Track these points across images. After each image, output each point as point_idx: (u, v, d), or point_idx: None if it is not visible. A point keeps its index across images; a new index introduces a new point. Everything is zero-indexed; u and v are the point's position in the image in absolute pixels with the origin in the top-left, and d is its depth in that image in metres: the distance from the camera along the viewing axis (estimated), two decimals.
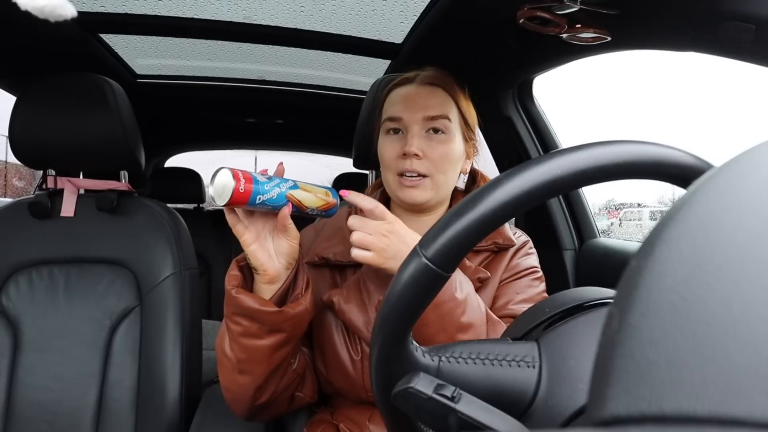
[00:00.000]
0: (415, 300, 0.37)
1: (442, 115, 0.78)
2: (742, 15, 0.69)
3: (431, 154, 0.77)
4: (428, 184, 0.78)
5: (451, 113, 0.79)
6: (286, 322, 0.66)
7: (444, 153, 0.77)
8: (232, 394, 0.72)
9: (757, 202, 0.17)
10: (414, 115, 0.78)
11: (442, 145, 0.78)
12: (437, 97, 0.79)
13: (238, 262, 0.70)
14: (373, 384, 0.42)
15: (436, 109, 0.78)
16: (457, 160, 0.80)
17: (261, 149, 4.02)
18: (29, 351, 1.00)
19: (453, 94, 0.81)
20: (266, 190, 0.63)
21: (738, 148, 0.20)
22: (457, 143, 0.80)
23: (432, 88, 0.80)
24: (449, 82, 0.82)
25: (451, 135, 0.79)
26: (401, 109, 0.79)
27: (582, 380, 0.37)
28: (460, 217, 0.34)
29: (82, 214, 1.08)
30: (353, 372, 0.75)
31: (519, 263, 0.81)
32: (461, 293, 0.67)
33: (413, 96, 0.79)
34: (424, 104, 0.78)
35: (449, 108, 0.79)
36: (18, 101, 1.01)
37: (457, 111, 0.80)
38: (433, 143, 0.77)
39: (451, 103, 0.80)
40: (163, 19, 1.25)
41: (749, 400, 0.13)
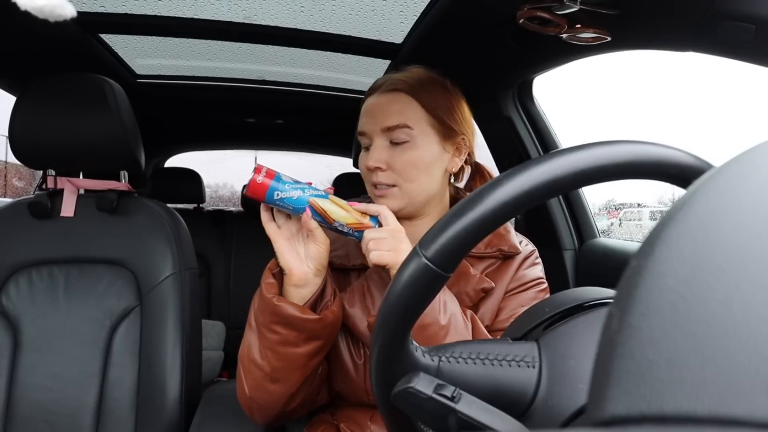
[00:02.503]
0: (415, 300, 0.37)
1: (399, 125, 0.75)
2: (742, 15, 0.69)
3: (395, 164, 0.76)
4: (397, 193, 0.77)
5: (413, 119, 0.76)
6: (324, 329, 0.67)
7: (408, 162, 0.75)
8: (260, 402, 0.72)
9: (757, 202, 0.17)
10: (374, 127, 0.77)
11: (405, 154, 0.76)
12: (397, 104, 0.77)
13: (271, 269, 0.71)
14: (373, 384, 0.42)
15: (393, 119, 0.75)
16: (430, 164, 0.77)
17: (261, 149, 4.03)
18: (29, 351, 1.00)
19: (418, 95, 0.77)
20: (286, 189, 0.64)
21: (738, 148, 0.20)
22: (425, 147, 0.77)
23: (393, 96, 0.77)
24: (416, 83, 0.78)
25: (416, 141, 0.76)
26: (365, 122, 0.79)
27: (582, 380, 0.37)
28: (460, 217, 0.34)
29: (82, 214, 1.08)
30: (355, 376, 0.75)
31: (525, 274, 0.80)
32: (445, 317, 0.67)
33: (374, 107, 0.78)
34: (382, 115, 0.77)
35: (410, 114, 0.76)
36: (18, 101, 1.00)
37: (423, 113, 0.77)
38: (396, 153, 0.76)
39: (415, 107, 0.76)
40: (163, 19, 1.25)
41: (749, 400, 0.13)
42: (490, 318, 0.77)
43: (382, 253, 0.65)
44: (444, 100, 0.79)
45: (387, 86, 0.78)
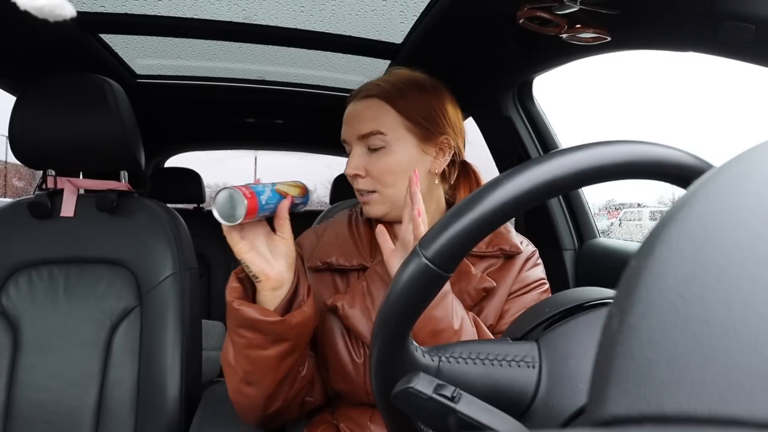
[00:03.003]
0: (415, 300, 0.37)
1: (372, 132, 0.76)
2: (742, 15, 0.69)
3: (372, 170, 0.77)
4: (378, 198, 0.78)
5: (386, 124, 0.76)
6: (290, 330, 0.66)
7: (384, 168, 0.76)
8: (242, 405, 0.73)
9: (757, 202, 0.17)
10: (351, 135, 0.78)
11: (381, 160, 0.76)
12: (370, 110, 0.77)
13: (237, 274, 0.69)
14: (373, 384, 0.42)
15: (366, 126, 0.76)
16: (407, 168, 0.76)
17: (261, 149, 4.03)
18: (29, 351, 1.00)
19: (392, 99, 0.76)
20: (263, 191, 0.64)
21: (738, 148, 0.20)
22: (402, 152, 0.76)
23: (368, 102, 0.77)
24: (392, 87, 0.77)
25: (391, 146, 0.76)
26: (344, 130, 0.80)
27: (582, 380, 0.37)
28: (460, 217, 0.34)
29: (82, 214, 1.08)
30: (355, 375, 0.75)
31: (528, 275, 0.80)
32: (457, 321, 0.67)
33: (350, 115, 0.79)
34: (356, 122, 0.77)
35: (383, 120, 0.76)
36: (18, 101, 1.00)
37: (398, 117, 0.76)
38: (373, 159, 0.77)
39: (388, 113, 0.76)
40: (163, 19, 1.25)
41: (749, 400, 0.13)
42: (494, 318, 0.77)
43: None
44: (422, 102, 0.78)
45: (362, 93, 0.79)
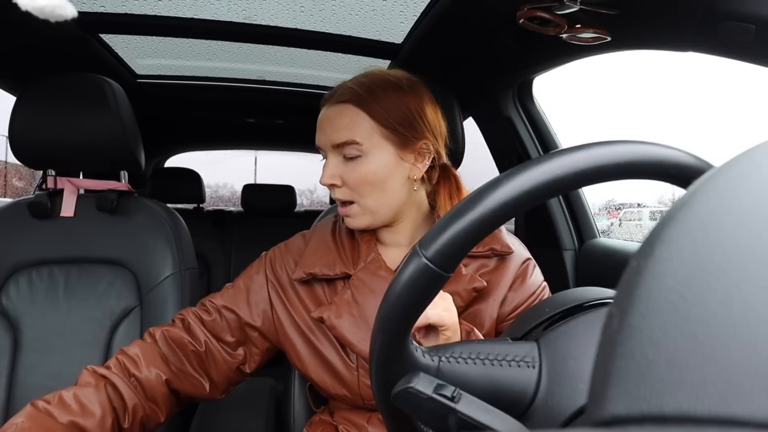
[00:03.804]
0: (415, 300, 0.37)
1: (347, 141, 0.72)
2: (742, 15, 0.69)
3: (348, 180, 0.74)
4: (357, 210, 0.76)
5: (360, 133, 0.72)
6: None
7: (360, 177, 0.73)
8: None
9: (757, 202, 0.17)
10: (325, 142, 0.75)
11: (357, 170, 0.73)
12: (344, 117, 0.73)
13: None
14: (373, 384, 0.42)
15: (341, 134, 0.73)
16: (385, 177, 0.74)
17: (261, 149, 4.03)
18: (29, 351, 1.00)
19: (366, 105, 0.73)
20: None
21: (738, 148, 0.20)
22: (379, 161, 0.73)
23: (341, 108, 0.74)
24: (365, 91, 0.73)
25: (368, 156, 0.73)
26: (318, 136, 0.77)
27: (582, 380, 0.37)
28: (460, 217, 0.34)
29: (82, 214, 1.08)
30: (350, 381, 0.75)
31: (533, 282, 0.78)
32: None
33: (323, 121, 0.76)
34: (330, 130, 0.74)
35: (357, 129, 0.72)
36: (18, 101, 1.01)
37: (373, 124, 0.73)
38: (348, 168, 0.74)
39: (362, 120, 0.73)
40: (163, 19, 1.25)
41: (749, 400, 0.13)
42: (491, 318, 0.76)
43: (441, 314, 0.62)
44: (398, 106, 0.74)
45: (336, 98, 0.75)
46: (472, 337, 0.68)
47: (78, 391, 0.69)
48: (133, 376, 0.73)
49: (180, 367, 0.76)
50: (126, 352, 0.75)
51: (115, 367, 0.73)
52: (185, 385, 0.76)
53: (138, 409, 0.71)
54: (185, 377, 0.76)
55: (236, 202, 2.93)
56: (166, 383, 0.74)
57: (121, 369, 0.73)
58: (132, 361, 0.73)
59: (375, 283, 0.75)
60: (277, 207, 2.47)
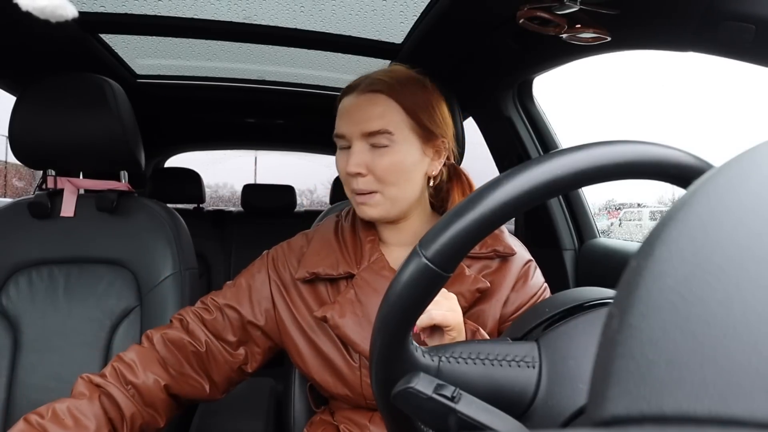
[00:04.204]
0: (415, 300, 0.37)
1: (380, 130, 0.73)
2: (742, 15, 0.69)
3: (375, 168, 0.74)
4: (379, 199, 0.75)
5: (393, 123, 0.73)
6: None
7: (389, 166, 0.73)
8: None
9: (758, 202, 0.17)
10: (354, 130, 0.74)
11: (386, 158, 0.73)
12: (377, 106, 0.74)
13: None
14: (373, 384, 0.42)
15: (374, 123, 0.73)
16: (411, 168, 0.75)
17: (261, 149, 4.02)
18: (29, 351, 1.00)
19: (400, 97, 0.74)
20: None
21: (738, 148, 0.20)
22: (407, 152, 0.74)
23: (373, 97, 0.74)
24: (397, 84, 0.75)
25: (397, 146, 0.73)
26: (342, 124, 0.76)
27: (582, 380, 0.37)
28: (460, 217, 0.34)
29: (82, 214, 1.08)
30: (352, 381, 0.75)
31: (534, 283, 0.79)
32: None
33: (353, 109, 0.75)
34: (362, 118, 0.74)
35: (390, 118, 0.73)
36: (18, 101, 1.01)
37: (404, 116, 0.74)
38: (376, 157, 0.74)
39: (395, 110, 0.74)
40: (163, 19, 1.25)
41: (749, 400, 0.13)
42: (494, 319, 0.76)
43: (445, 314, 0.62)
44: (424, 101, 0.76)
45: (366, 86, 0.75)
46: (477, 337, 0.68)
47: (71, 403, 0.68)
48: (129, 383, 0.72)
49: (179, 370, 0.75)
50: (122, 358, 0.74)
51: (111, 375, 0.72)
52: (185, 388, 0.76)
53: (136, 417, 0.71)
54: (184, 380, 0.76)
55: (236, 202, 2.93)
56: (165, 389, 0.74)
57: (116, 377, 0.72)
58: (128, 368, 0.72)
59: (378, 283, 0.75)
60: (277, 207, 2.47)
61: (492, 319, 0.76)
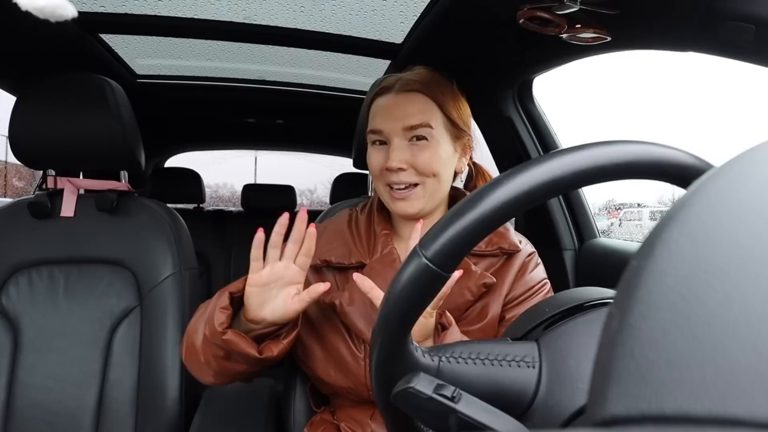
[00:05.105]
0: (415, 300, 0.37)
1: (422, 124, 0.76)
2: (742, 15, 0.69)
3: (416, 163, 0.77)
4: (419, 192, 0.78)
5: (433, 119, 0.77)
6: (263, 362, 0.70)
7: (429, 159, 0.77)
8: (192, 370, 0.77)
9: (758, 201, 0.17)
10: (394, 126, 0.77)
11: (426, 152, 0.77)
12: (416, 103, 0.78)
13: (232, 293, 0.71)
14: (373, 384, 0.42)
15: (415, 118, 0.76)
16: (446, 162, 0.79)
17: (261, 149, 4.03)
18: (29, 351, 1.00)
19: (435, 96, 0.78)
20: None
21: (738, 148, 0.20)
22: (444, 146, 0.78)
23: (411, 95, 0.78)
24: (430, 83, 0.79)
25: (435, 140, 0.77)
26: (381, 121, 0.79)
27: (582, 380, 0.37)
28: (460, 217, 0.34)
29: (82, 214, 1.08)
30: (356, 370, 0.75)
31: (532, 277, 0.81)
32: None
33: (392, 106, 0.79)
34: (403, 114, 0.77)
35: (430, 114, 0.77)
36: (18, 101, 1.00)
37: (440, 114, 0.78)
38: (416, 151, 0.77)
39: (433, 107, 0.78)
40: (163, 19, 1.25)
41: (749, 400, 0.13)
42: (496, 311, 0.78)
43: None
44: (454, 101, 0.80)
45: (402, 86, 0.79)
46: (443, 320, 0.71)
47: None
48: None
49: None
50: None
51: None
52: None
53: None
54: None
55: (236, 202, 2.93)
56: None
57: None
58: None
59: (389, 274, 0.77)
60: (277, 207, 2.46)
61: (494, 313, 0.78)
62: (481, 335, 0.76)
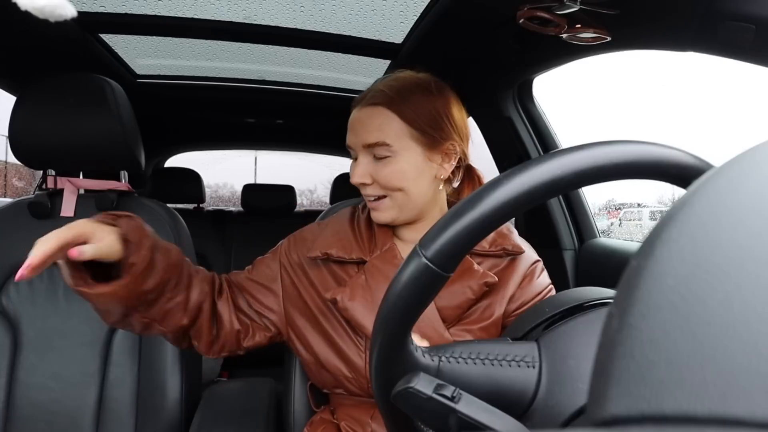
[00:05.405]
0: (415, 300, 0.37)
1: (378, 143, 0.75)
2: (742, 15, 0.69)
3: (379, 177, 0.77)
4: (388, 204, 0.79)
5: (391, 135, 0.75)
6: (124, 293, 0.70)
7: (391, 175, 0.76)
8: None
9: (758, 201, 0.17)
10: (357, 143, 0.78)
11: (387, 168, 0.76)
12: (376, 119, 0.76)
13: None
14: (373, 384, 0.42)
15: (372, 136, 0.76)
16: (414, 175, 0.77)
17: (261, 149, 4.03)
18: (29, 351, 1.00)
19: (399, 109, 0.75)
20: None
21: (738, 148, 0.20)
22: (408, 160, 0.76)
23: (373, 110, 0.77)
24: (397, 94, 0.76)
25: (397, 156, 0.76)
26: (349, 136, 0.80)
27: (582, 380, 0.37)
28: (460, 217, 0.34)
29: (82, 214, 1.08)
30: (358, 362, 0.76)
31: (540, 282, 0.82)
32: None
33: (355, 122, 0.79)
34: (363, 130, 0.77)
35: (388, 131, 0.75)
36: (18, 101, 1.00)
37: (404, 126, 0.75)
38: (379, 167, 0.77)
39: (393, 122, 0.75)
40: (163, 19, 1.25)
41: (749, 400, 0.13)
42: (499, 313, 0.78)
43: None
44: (427, 109, 0.77)
45: (367, 100, 0.78)
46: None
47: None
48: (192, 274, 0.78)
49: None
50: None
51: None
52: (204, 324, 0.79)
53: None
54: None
55: (236, 202, 2.93)
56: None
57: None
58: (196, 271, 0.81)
59: (389, 271, 0.77)
60: (277, 207, 2.47)
61: (498, 313, 0.78)
62: (484, 335, 0.77)
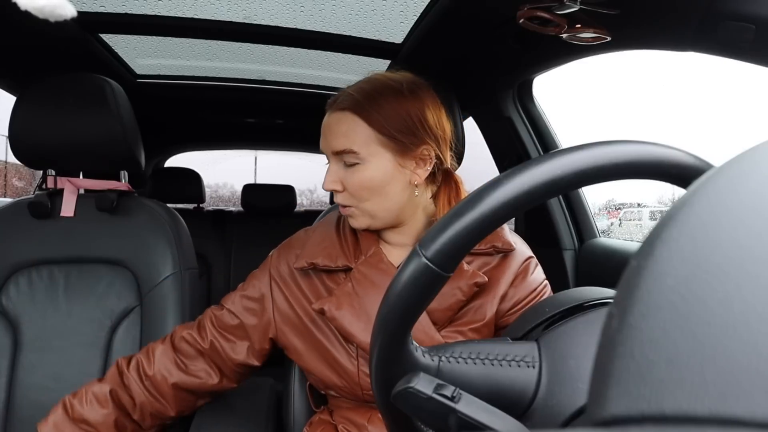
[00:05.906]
0: (415, 300, 0.37)
1: (344, 150, 0.73)
2: (742, 15, 0.69)
3: (347, 185, 0.75)
4: (357, 212, 0.77)
5: (358, 142, 0.73)
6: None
7: (358, 184, 0.74)
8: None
9: (758, 201, 0.17)
10: (326, 149, 0.77)
11: (356, 176, 0.74)
12: (343, 125, 0.74)
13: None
14: (373, 384, 0.42)
15: (339, 142, 0.74)
16: (383, 183, 0.74)
17: (261, 149, 4.03)
18: (29, 351, 1.00)
19: (367, 114, 0.73)
20: None
21: (738, 148, 0.20)
22: (376, 167, 0.74)
23: (340, 115, 0.75)
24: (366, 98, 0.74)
25: (365, 163, 0.73)
26: (321, 141, 0.78)
27: (582, 380, 0.37)
28: (460, 217, 0.34)
29: (82, 214, 1.08)
30: (350, 368, 0.75)
31: (534, 279, 0.79)
32: None
33: (325, 128, 0.77)
34: (332, 137, 0.75)
35: (355, 137, 0.73)
36: (18, 101, 1.00)
37: (371, 132, 0.73)
38: (348, 174, 0.75)
39: (360, 129, 0.73)
40: (163, 19, 1.25)
41: (749, 400, 0.13)
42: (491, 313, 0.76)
43: None
44: (398, 113, 0.73)
45: (336, 105, 0.76)
46: None
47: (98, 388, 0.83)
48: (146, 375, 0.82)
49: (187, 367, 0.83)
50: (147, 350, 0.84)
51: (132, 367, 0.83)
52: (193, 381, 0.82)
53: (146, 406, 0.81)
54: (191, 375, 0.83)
55: (236, 202, 2.93)
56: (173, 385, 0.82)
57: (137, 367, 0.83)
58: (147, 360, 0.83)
59: (376, 276, 0.76)
60: (277, 207, 2.47)
61: (490, 313, 0.76)
62: (476, 336, 0.75)
